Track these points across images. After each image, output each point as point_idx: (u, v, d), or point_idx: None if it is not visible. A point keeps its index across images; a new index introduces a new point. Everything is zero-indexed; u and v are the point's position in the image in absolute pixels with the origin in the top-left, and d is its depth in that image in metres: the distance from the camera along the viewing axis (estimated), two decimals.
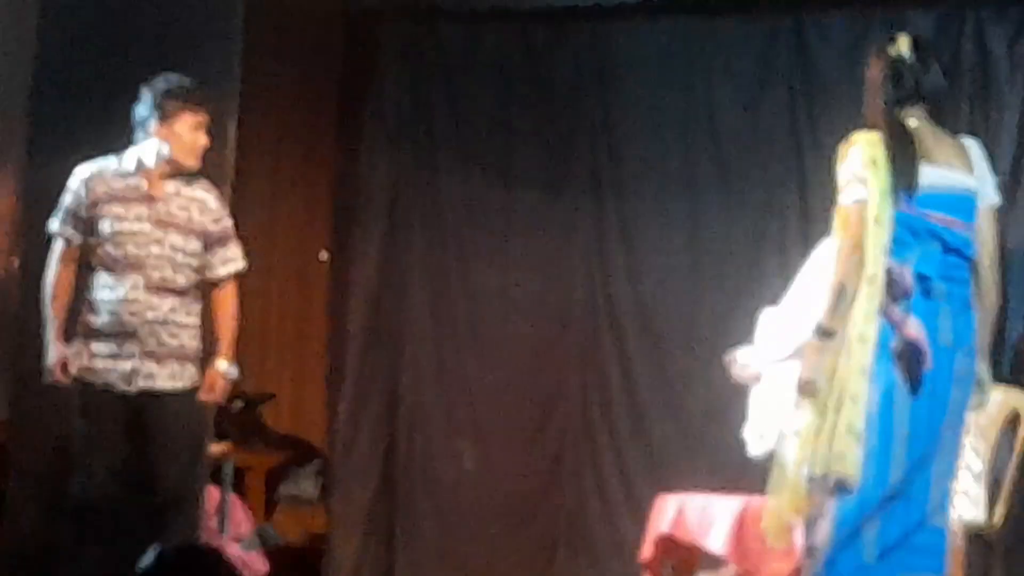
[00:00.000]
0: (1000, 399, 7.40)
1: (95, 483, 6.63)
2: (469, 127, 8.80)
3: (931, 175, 5.55)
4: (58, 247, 6.73)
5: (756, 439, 6.82)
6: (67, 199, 6.73)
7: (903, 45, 5.84)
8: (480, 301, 8.73)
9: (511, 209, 8.76)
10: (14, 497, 7.31)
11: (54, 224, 6.73)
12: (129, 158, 6.74)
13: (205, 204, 6.82)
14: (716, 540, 6.70)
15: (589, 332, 8.62)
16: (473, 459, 8.63)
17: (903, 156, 5.55)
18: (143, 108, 6.71)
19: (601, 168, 8.68)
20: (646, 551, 6.97)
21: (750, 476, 7.76)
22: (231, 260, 6.88)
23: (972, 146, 5.74)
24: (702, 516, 6.82)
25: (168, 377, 6.68)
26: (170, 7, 7.41)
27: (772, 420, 6.60)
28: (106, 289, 6.66)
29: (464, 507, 8.58)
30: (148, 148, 6.68)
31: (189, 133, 6.71)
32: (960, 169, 5.62)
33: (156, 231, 6.71)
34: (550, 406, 8.62)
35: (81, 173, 6.75)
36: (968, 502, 7.28)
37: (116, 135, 6.81)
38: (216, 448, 7.68)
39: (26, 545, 7.20)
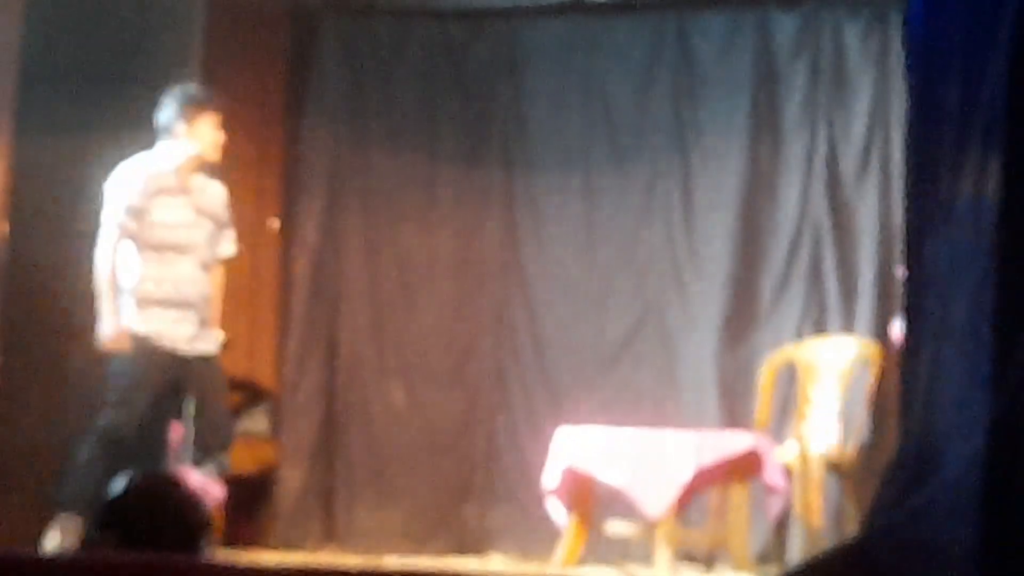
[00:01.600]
0: (855, 346, 7.49)
1: (131, 418, 6.83)
2: (398, 111, 8.76)
3: None
4: (114, 234, 6.81)
5: None
6: (123, 193, 6.82)
7: None
8: (408, 262, 8.71)
9: (434, 182, 8.73)
10: None
11: (113, 215, 6.80)
12: (164, 156, 6.91)
13: (218, 194, 7.09)
14: (613, 469, 6.72)
15: (501, 289, 8.63)
16: (402, 398, 8.61)
17: None
18: (168, 113, 6.87)
19: (511, 147, 8.69)
20: (551, 479, 6.97)
21: (638, 414, 7.85)
22: (230, 243, 7.14)
23: None
24: (598, 447, 6.83)
25: (212, 341, 7.03)
26: (139, 5, 7.32)
27: None
28: (165, 267, 6.86)
29: (394, 439, 8.56)
30: (179, 147, 6.88)
31: (211, 132, 6.94)
32: None
33: (198, 219, 6.97)
34: (468, 353, 8.62)
35: (132, 171, 6.86)
36: (825, 437, 7.34)
37: (93, 115, 6.77)
38: None
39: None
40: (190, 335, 6.94)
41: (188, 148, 6.91)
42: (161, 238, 6.88)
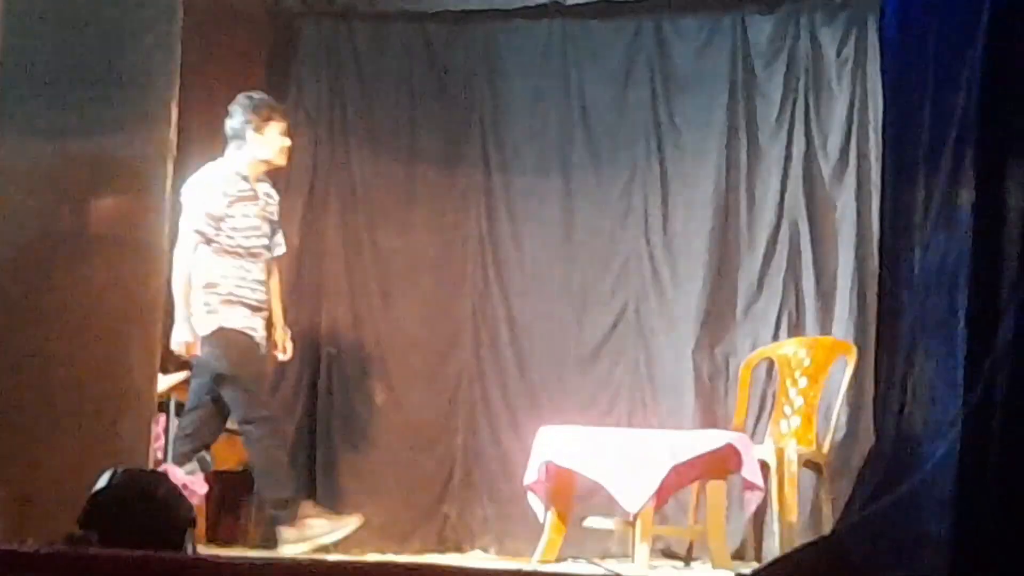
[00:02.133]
0: (830, 346, 7.52)
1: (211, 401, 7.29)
2: (378, 112, 8.77)
3: None
4: (193, 241, 7.06)
5: None
6: (202, 200, 7.06)
7: None
8: (387, 262, 8.71)
9: (413, 183, 8.74)
10: None
11: (193, 221, 7.05)
12: (235, 164, 7.19)
13: (274, 198, 7.36)
14: (593, 466, 6.74)
15: (480, 289, 8.64)
16: (382, 396, 8.63)
17: None
18: (237, 121, 7.23)
19: (490, 148, 8.70)
20: (530, 476, 7.00)
21: (616, 412, 7.88)
22: (281, 244, 7.45)
23: None
24: (578, 445, 6.86)
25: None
26: (117, 7, 7.30)
27: None
28: (242, 270, 7.15)
29: (374, 437, 8.57)
30: (249, 154, 7.18)
31: (278, 138, 7.23)
32: None
33: (263, 225, 7.25)
34: (448, 352, 8.63)
35: (209, 178, 7.13)
36: (801, 435, 7.38)
37: (72, 118, 6.75)
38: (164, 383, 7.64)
39: None
40: (263, 335, 7.28)
41: (258, 154, 7.17)
42: (238, 243, 7.17)
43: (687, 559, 7.61)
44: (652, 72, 8.43)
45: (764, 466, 7.04)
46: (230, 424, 8.91)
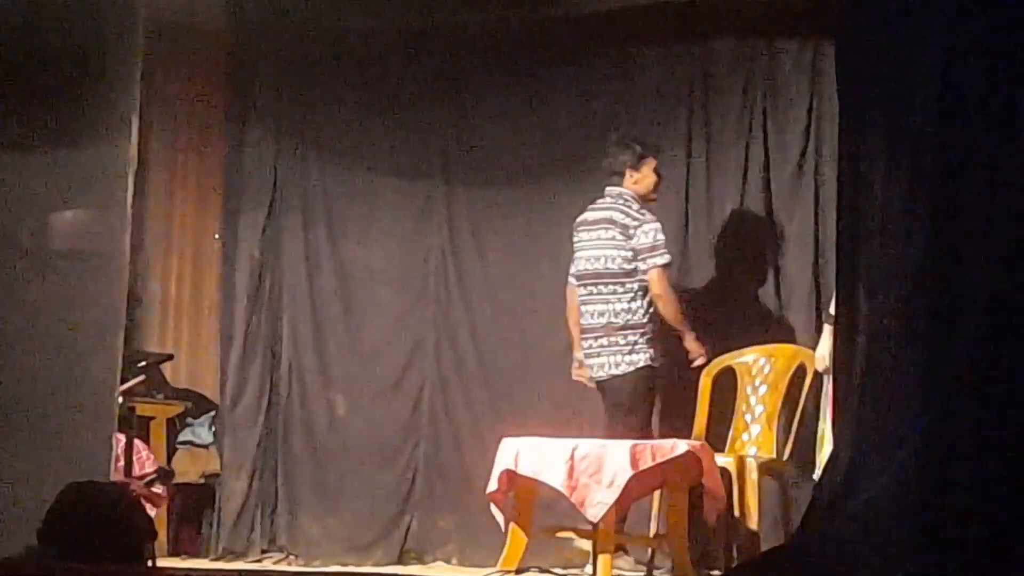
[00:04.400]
0: (790, 354, 7.52)
1: None
2: (338, 125, 8.74)
3: None
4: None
5: None
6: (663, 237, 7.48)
7: None
8: (348, 273, 8.69)
9: (374, 195, 8.72)
10: None
11: (664, 257, 7.42)
12: (638, 207, 7.52)
13: None
14: (554, 476, 6.71)
15: (442, 300, 8.61)
16: (343, 408, 8.59)
17: None
18: (625, 156, 7.54)
19: (452, 160, 8.68)
20: (492, 486, 6.97)
21: (577, 422, 7.85)
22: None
23: None
24: (540, 456, 6.83)
25: None
26: (80, 21, 7.24)
27: None
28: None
29: (336, 448, 8.55)
30: (632, 187, 7.56)
31: (651, 174, 7.58)
32: None
33: None
34: (409, 362, 8.59)
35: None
36: (762, 443, 7.37)
37: (31, 129, 6.71)
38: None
39: None
40: None
41: (638, 188, 7.56)
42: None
43: (649, 568, 7.59)
44: (614, 84, 8.41)
45: (725, 474, 7.03)
46: (189, 437, 8.88)
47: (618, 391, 7.45)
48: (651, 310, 7.47)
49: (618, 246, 7.48)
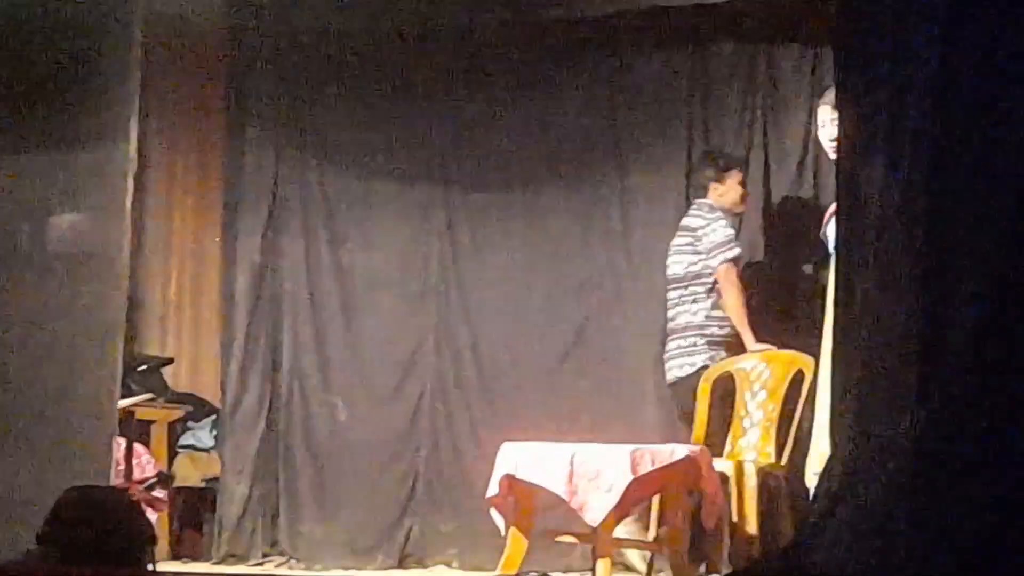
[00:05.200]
0: (789, 360, 7.52)
1: None
2: (338, 129, 8.74)
3: None
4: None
5: None
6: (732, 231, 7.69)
7: None
8: (348, 278, 8.69)
9: (374, 199, 8.72)
10: None
11: (734, 251, 7.60)
12: (710, 209, 7.68)
13: None
14: (554, 480, 6.71)
15: (442, 305, 8.61)
16: (344, 411, 8.60)
17: None
18: (708, 170, 7.78)
19: (450, 164, 8.67)
20: (492, 490, 6.97)
21: (577, 427, 7.84)
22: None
23: None
24: (540, 460, 6.83)
25: None
26: (77, 24, 7.25)
27: None
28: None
29: (336, 452, 8.55)
30: (717, 200, 7.72)
31: (736, 187, 7.76)
32: None
33: None
34: (409, 367, 8.60)
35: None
36: (759, 448, 7.38)
37: (30, 133, 6.71)
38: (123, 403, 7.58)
39: None
40: None
41: (723, 201, 7.72)
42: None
43: (648, 572, 7.60)
44: (614, 88, 8.42)
45: (724, 479, 7.04)
46: (190, 441, 8.89)
47: (681, 396, 7.67)
48: (714, 311, 7.63)
49: (687, 251, 7.69)
